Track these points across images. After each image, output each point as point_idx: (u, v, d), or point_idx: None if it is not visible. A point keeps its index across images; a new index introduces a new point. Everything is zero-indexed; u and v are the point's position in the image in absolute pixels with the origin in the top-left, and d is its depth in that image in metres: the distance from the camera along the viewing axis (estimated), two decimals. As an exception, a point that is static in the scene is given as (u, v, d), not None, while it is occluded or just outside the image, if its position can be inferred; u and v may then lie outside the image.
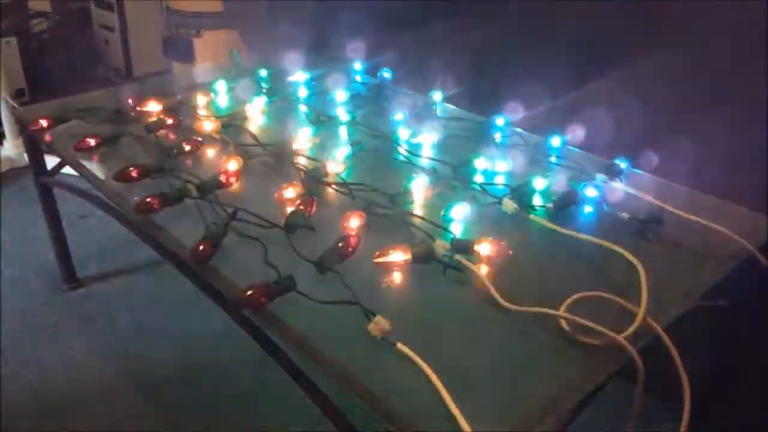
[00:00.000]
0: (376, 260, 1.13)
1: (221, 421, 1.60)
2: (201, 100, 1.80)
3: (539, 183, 1.38)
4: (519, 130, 1.63)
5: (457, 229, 1.24)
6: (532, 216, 1.28)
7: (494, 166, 1.46)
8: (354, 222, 1.23)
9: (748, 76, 1.41)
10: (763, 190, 1.32)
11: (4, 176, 2.69)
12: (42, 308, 1.98)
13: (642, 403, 0.98)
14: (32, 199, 1.99)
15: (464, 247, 1.15)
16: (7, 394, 1.65)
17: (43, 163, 1.88)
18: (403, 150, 1.54)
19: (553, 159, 1.51)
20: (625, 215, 1.27)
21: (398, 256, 1.13)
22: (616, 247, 1.15)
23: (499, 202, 1.31)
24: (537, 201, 1.34)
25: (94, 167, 1.50)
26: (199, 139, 1.56)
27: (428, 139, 1.58)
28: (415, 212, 1.29)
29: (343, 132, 1.66)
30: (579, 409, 0.93)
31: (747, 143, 1.39)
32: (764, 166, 1.35)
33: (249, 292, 1.01)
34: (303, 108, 1.78)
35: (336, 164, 1.44)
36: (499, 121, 1.64)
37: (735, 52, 1.43)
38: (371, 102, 1.83)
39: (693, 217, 1.25)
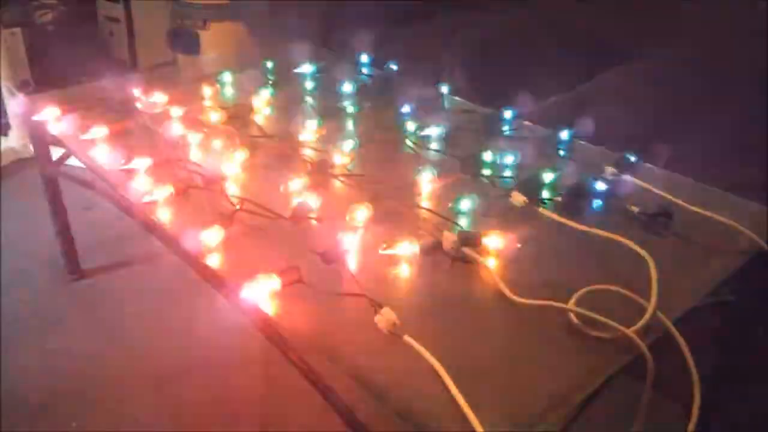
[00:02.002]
0: (383, 252, 1.12)
1: (225, 413, 1.60)
2: (207, 91, 1.79)
3: (548, 176, 1.36)
4: (527, 122, 1.62)
5: (464, 222, 1.23)
6: (540, 209, 1.27)
7: (502, 158, 1.45)
8: (360, 214, 1.22)
9: (758, 70, 1.40)
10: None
11: (9, 167, 2.68)
12: (46, 299, 1.98)
13: (650, 398, 0.97)
14: (37, 190, 1.98)
15: (472, 240, 1.14)
16: (10, 385, 1.65)
17: (48, 154, 1.88)
18: (410, 142, 1.53)
19: (561, 152, 1.50)
20: (635, 209, 1.25)
21: (405, 248, 1.12)
22: (625, 241, 1.13)
23: (508, 195, 1.30)
24: (546, 194, 1.32)
25: (99, 157, 1.50)
26: (205, 130, 1.55)
27: (435, 132, 1.57)
28: (423, 204, 1.28)
29: (349, 124, 1.65)
30: (587, 404, 0.92)
31: (758, 137, 1.38)
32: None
33: (255, 283, 1.01)
34: (309, 100, 1.77)
35: (342, 156, 1.43)
36: (507, 113, 1.62)
37: (746, 46, 1.42)
38: (378, 94, 1.81)
39: (703, 211, 1.24)
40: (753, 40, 1.38)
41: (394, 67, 1.92)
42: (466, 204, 1.26)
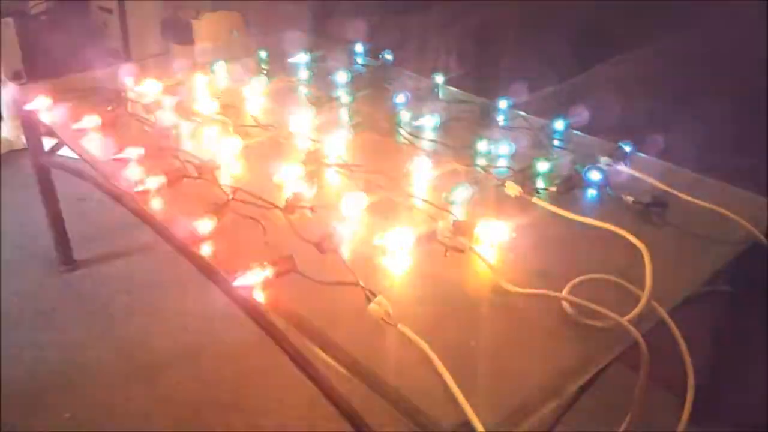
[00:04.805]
0: (377, 242, 1.11)
1: (219, 403, 1.59)
2: (200, 80, 1.78)
3: (543, 166, 1.36)
4: (522, 113, 1.62)
5: (459, 212, 1.23)
6: (535, 199, 1.27)
7: (497, 148, 1.45)
8: (355, 203, 1.22)
9: (752, 59, 1.40)
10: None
11: (3, 158, 2.67)
12: (39, 290, 1.97)
13: (645, 388, 0.97)
14: (30, 182, 1.97)
15: (466, 230, 1.13)
16: (4, 376, 1.64)
17: (40, 144, 1.87)
18: (404, 132, 1.52)
19: (556, 142, 1.49)
20: (630, 199, 1.25)
21: (400, 237, 1.11)
22: (620, 231, 1.13)
23: (502, 185, 1.29)
24: (540, 184, 1.32)
25: (92, 147, 1.49)
26: (198, 119, 1.54)
27: (430, 122, 1.57)
28: (417, 194, 1.28)
29: (344, 113, 1.64)
30: (582, 392, 0.92)
31: (752, 127, 1.38)
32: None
33: (248, 273, 1.00)
34: (303, 89, 1.76)
35: (337, 145, 1.43)
36: (502, 103, 1.62)
37: (739, 35, 1.41)
38: (372, 83, 1.81)
39: (698, 201, 1.24)
40: (751, 28, 1.37)
41: (389, 57, 1.91)
42: (460, 194, 1.26)
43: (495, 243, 1.13)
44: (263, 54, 1.93)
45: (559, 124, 1.53)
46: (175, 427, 1.54)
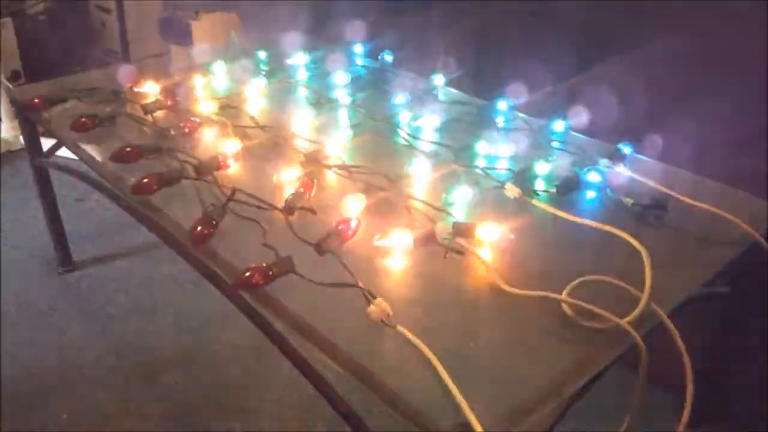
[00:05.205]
0: (376, 243, 1.11)
1: (217, 404, 1.59)
2: (199, 81, 1.77)
3: (542, 168, 1.36)
4: (521, 114, 1.61)
5: (458, 213, 1.22)
6: (534, 201, 1.26)
7: (496, 150, 1.44)
8: (354, 205, 1.22)
9: (751, 59, 1.40)
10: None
11: (1, 159, 2.67)
12: (37, 291, 1.97)
13: (644, 389, 0.97)
14: (29, 182, 1.97)
15: (466, 231, 1.13)
16: (2, 376, 1.64)
17: (38, 145, 1.86)
18: (404, 133, 1.52)
19: (555, 144, 1.49)
20: (629, 200, 1.25)
21: (399, 239, 1.11)
22: (619, 232, 1.13)
23: (502, 187, 1.29)
24: (540, 186, 1.32)
25: (90, 148, 1.48)
26: (197, 120, 1.53)
27: (429, 123, 1.56)
28: (416, 196, 1.28)
29: (343, 114, 1.64)
30: (581, 394, 0.92)
31: (752, 128, 1.38)
32: (769, 151, 1.34)
33: (247, 274, 1.00)
34: (303, 90, 1.76)
35: (336, 147, 1.42)
36: (502, 105, 1.61)
37: (738, 35, 1.41)
38: (372, 85, 1.81)
39: (697, 203, 1.24)
40: (751, 28, 1.37)
41: (389, 58, 1.91)
42: (459, 195, 1.26)
43: (494, 245, 1.13)
44: (262, 55, 1.93)
45: (558, 126, 1.53)
46: (174, 427, 1.54)
